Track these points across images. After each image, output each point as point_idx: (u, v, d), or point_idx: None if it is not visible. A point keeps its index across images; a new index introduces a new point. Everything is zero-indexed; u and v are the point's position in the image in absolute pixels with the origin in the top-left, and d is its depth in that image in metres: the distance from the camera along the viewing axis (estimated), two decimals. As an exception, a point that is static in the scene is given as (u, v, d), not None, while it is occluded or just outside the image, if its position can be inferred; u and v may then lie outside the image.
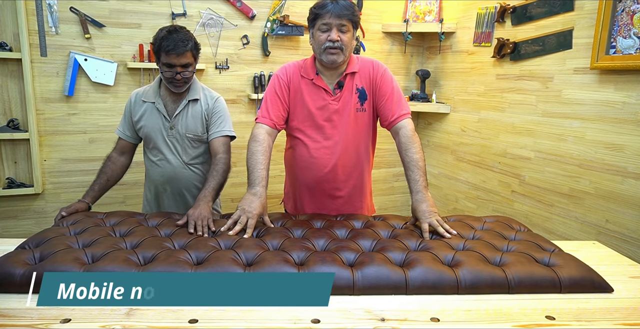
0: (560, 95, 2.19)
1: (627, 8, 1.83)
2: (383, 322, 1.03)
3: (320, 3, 1.59)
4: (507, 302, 1.13)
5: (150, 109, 1.84)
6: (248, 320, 1.02)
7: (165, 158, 1.88)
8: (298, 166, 1.76)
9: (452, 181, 3.02)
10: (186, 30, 1.75)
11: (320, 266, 1.19)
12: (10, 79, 2.35)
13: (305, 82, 1.69)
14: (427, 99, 3.08)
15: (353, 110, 1.68)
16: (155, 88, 1.85)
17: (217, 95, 1.90)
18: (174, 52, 1.67)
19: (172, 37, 1.68)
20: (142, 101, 1.85)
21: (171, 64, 1.69)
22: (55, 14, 2.37)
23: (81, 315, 1.01)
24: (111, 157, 1.88)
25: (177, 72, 1.71)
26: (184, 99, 1.83)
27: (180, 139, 1.86)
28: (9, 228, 2.48)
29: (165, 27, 1.73)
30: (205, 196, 1.62)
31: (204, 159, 1.93)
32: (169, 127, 1.84)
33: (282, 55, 2.85)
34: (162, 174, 1.89)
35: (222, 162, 1.78)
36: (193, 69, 1.76)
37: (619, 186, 1.92)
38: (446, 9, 2.98)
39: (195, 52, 1.75)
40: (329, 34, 1.57)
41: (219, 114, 1.86)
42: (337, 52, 1.58)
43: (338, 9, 1.55)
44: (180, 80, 1.74)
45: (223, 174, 1.75)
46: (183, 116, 1.83)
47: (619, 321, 1.05)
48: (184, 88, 1.79)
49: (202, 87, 1.89)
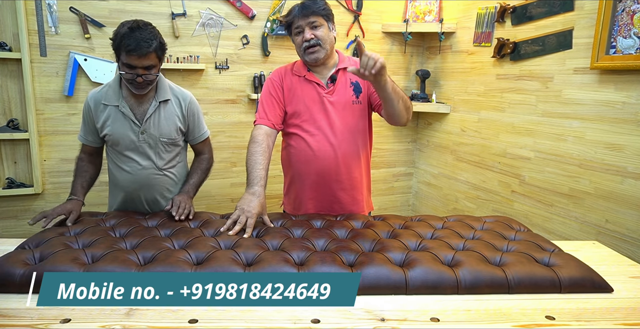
0: (560, 95, 2.19)
1: (627, 8, 1.83)
2: (383, 322, 1.03)
3: (289, 11, 1.68)
4: (507, 302, 1.13)
5: (115, 113, 1.65)
6: (248, 320, 1.02)
7: (138, 164, 1.71)
8: (299, 161, 1.76)
9: (452, 181, 3.02)
10: (151, 27, 1.55)
11: (320, 266, 1.19)
12: (10, 79, 2.35)
13: (298, 79, 1.73)
14: (427, 99, 3.07)
15: (349, 102, 1.72)
16: (116, 89, 1.66)
17: (188, 94, 1.76)
18: (135, 53, 1.49)
19: (134, 35, 1.48)
20: (103, 104, 1.65)
21: (132, 65, 1.51)
22: (55, 14, 2.37)
23: (81, 315, 1.01)
24: (83, 159, 1.76)
25: (139, 74, 1.53)
26: (153, 100, 1.67)
27: (153, 144, 1.70)
28: (9, 228, 2.48)
29: (127, 22, 1.53)
30: (188, 192, 1.68)
31: (178, 161, 1.80)
32: (140, 132, 1.67)
33: (282, 55, 2.85)
34: (134, 181, 1.73)
35: (206, 161, 1.83)
36: (157, 71, 1.59)
37: (618, 186, 1.92)
38: (446, 9, 2.98)
39: (160, 52, 1.57)
40: (303, 35, 1.64)
41: (196, 116, 1.77)
42: (317, 49, 1.65)
43: (303, 9, 1.62)
44: (141, 83, 1.56)
45: (206, 172, 1.83)
46: (155, 119, 1.68)
47: (618, 321, 1.05)
48: (147, 90, 1.62)
49: (170, 86, 1.74)
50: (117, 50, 1.54)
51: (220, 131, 2.82)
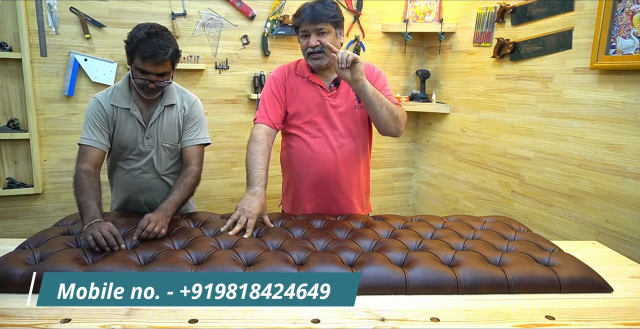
0: (560, 95, 2.19)
1: (627, 8, 1.83)
2: (383, 322, 1.03)
3: (298, 11, 1.64)
4: (506, 302, 1.13)
5: (125, 116, 1.62)
6: (248, 320, 1.02)
7: (140, 168, 1.69)
8: (298, 162, 1.76)
9: (452, 181, 3.02)
10: (168, 33, 1.52)
11: (320, 266, 1.19)
12: (10, 79, 2.35)
13: (301, 80, 1.72)
14: (427, 99, 3.08)
15: (351, 106, 1.72)
16: (125, 91, 1.62)
17: (194, 97, 1.72)
18: (151, 60, 1.46)
19: (151, 42, 1.44)
20: (114, 106, 1.61)
21: (146, 71, 1.48)
22: (55, 14, 2.37)
23: (81, 315, 1.01)
24: (90, 173, 1.52)
25: (152, 80, 1.50)
26: (159, 105, 1.64)
27: (156, 149, 1.67)
28: (9, 228, 2.48)
29: (144, 27, 1.49)
30: (165, 210, 1.45)
31: (178, 168, 1.75)
32: (145, 136, 1.64)
33: (282, 55, 2.85)
34: (136, 184, 1.71)
35: (192, 176, 1.62)
36: (169, 78, 1.55)
37: (618, 186, 1.92)
38: (446, 9, 2.98)
39: (175, 59, 1.54)
40: (308, 40, 1.62)
41: (196, 119, 1.69)
42: (320, 56, 1.63)
43: (313, 15, 1.58)
44: (153, 89, 1.54)
45: (190, 189, 1.61)
46: (159, 124, 1.65)
47: (618, 321, 1.05)
48: (156, 95, 1.59)
49: (178, 89, 1.70)
50: (131, 54, 1.49)
51: (220, 131, 2.82)
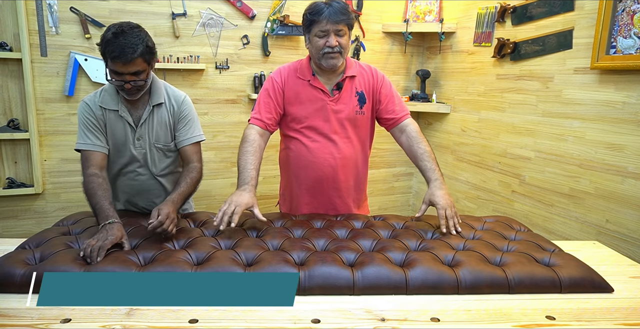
0: (561, 95, 2.19)
1: (627, 8, 1.83)
2: (383, 322, 1.03)
3: (315, 8, 1.57)
4: (507, 302, 1.13)
5: (115, 118, 1.59)
6: (248, 320, 1.02)
7: (134, 171, 1.67)
8: (297, 165, 1.75)
9: (452, 181, 3.02)
10: (137, 30, 1.46)
11: (320, 266, 1.19)
12: (11, 79, 2.35)
13: (302, 84, 1.69)
14: (427, 99, 3.07)
15: (352, 112, 1.70)
16: (112, 93, 1.60)
17: (182, 94, 1.68)
18: (119, 60, 1.41)
19: (117, 41, 1.40)
20: (102, 107, 1.58)
21: (118, 72, 1.45)
22: (56, 14, 2.37)
23: (81, 315, 1.01)
24: (97, 175, 1.52)
25: (126, 80, 1.47)
26: (147, 105, 1.61)
27: (149, 150, 1.65)
28: (9, 228, 2.48)
29: (112, 26, 1.44)
30: (174, 201, 1.45)
31: (174, 167, 1.75)
32: (136, 138, 1.62)
33: (282, 55, 2.85)
34: (132, 187, 1.70)
35: (197, 171, 1.63)
36: (146, 76, 1.51)
37: (619, 186, 1.92)
38: (446, 9, 2.97)
39: (148, 56, 1.48)
40: (327, 39, 1.58)
41: (188, 117, 1.67)
42: (337, 56, 1.60)
43: (334, 14, 1.55)
44: (131, 89, 1.50)
45: (195, 184, 1.61)
46: (149, 125, 1.62)
47: (619, 321, 1.05)
48: (138, 95, 1.56)
49: (165, 87, 1.67)
50: (103, 56, 1.46)
51: (220, 130, 2.82)
